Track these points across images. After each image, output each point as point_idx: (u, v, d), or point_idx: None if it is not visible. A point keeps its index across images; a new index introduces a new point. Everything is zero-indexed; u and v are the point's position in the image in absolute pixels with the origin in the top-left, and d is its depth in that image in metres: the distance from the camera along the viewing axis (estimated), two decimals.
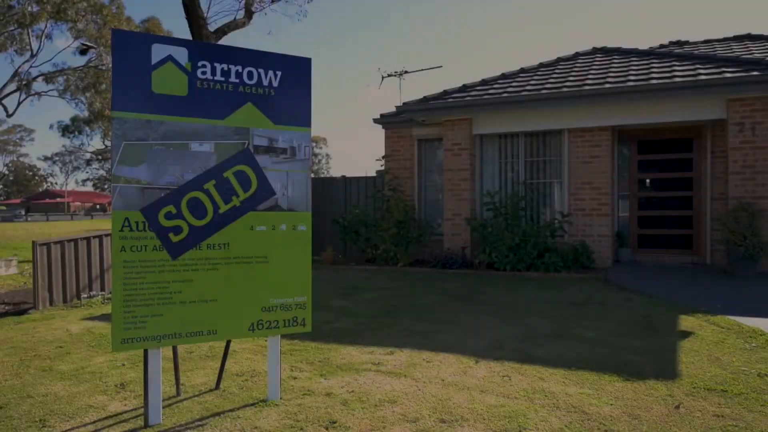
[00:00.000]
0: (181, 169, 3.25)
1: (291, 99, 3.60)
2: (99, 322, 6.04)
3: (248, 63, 3.46)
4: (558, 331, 5.26)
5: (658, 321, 5.53)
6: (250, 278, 3.45)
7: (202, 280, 3.30)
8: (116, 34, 3.16)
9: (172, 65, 3.22)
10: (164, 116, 3.20)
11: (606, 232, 9.16)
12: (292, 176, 3.60)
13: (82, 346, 5.09)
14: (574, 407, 3.40)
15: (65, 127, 46.88)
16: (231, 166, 3.38)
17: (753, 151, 7.94)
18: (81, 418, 3.36)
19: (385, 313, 6.21)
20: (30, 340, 5.34)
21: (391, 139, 11.40)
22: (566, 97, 8.79)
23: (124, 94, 3.09)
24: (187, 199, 3.25)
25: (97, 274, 7.55)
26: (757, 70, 7.70)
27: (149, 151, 3.17)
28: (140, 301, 3.13)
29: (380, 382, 3.89)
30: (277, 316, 3.54)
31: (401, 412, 3.36)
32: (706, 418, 3.20)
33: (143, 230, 3.13)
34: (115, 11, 24.92)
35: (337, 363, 4.37)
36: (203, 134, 3.31)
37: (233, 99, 3.40)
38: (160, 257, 3.17)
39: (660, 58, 9.72)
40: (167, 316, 3.20)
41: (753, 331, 5.00)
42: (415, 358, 4.48)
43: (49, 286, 6.88)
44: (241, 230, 3.41)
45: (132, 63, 3.12)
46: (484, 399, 3.55)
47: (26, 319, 6.34)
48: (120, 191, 3.10)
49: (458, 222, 9.94)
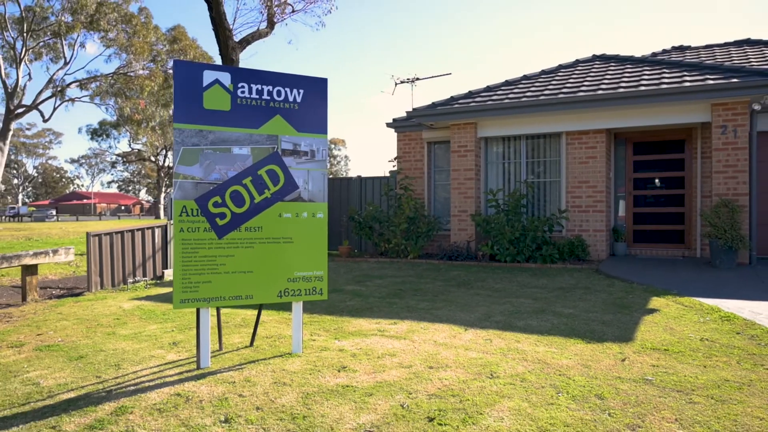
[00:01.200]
0: (225, 168, 4.14)
1: (311, 111, 4.48)
2: (146, 302, 6.99)
3: (277, 83, 4.35)
4: (541, 308, 6.05)
5: (632, 301, 6.29)
6: (279, 255, 4.33)
7: (242, 256, 4.18)
8: (177, 64, 4.06)
9: (219, 87, 4.12)
10: (213, 127, 4.09)
11: (601, 227, 9.88)
12: (311, 174, 4.47)
13: (135, 318, 6.04)
14: (539, 360, 4.20)
15: (94, 131, 48.65)
16: (264, 166, 4.26)
17: (735, 151, 8.61)
18: (146, 364, 4.27)
19: (392, 295, 7.06)
20: (91, 314, 6.30)
21: (402, 141, 12.26)
22: (562, 103, 9.55)
23: (183, 110, 3.99)
24: (229, 192, 4.13)
25: (140, 263, 8.53)
26: (737, 77, 8.38)
27: (201, 154, 4.06)
28: (194, 271, 4.03)
29: (383, 343, 4.74)
30: (300, 285, 4.41)
31: (398, 361, 4.21)
32: (643, 367, 3.98)
33: (197, 215, 4.03)
34: (143, 20, 26.18)
35: (349, 330, 5.24)
36: (242, 141, 4.20)
37: (265, 112, 4.29)
38: (209, 237, 4.07)
39: (651, 66, 10.41)
40: (215, 283, 4.10)
41: (711, 308, 5.74)
42: (414, 326, 5.32)
43: (100, 271, 7.87)
44: (272, 216, 4.29)
45: (189, 86, 4.02)
46: (466, 354, 4.38)
47: (83, 300, 7.32)
48: (179, 185, 4.00)
49: (464, 218, 10.75)
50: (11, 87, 27.18)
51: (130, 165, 76.84)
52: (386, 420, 3.13)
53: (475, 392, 3.53)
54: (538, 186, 10.66)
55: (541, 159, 10.62)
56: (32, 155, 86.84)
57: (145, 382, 3.87)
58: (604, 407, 3.26)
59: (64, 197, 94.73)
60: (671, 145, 10.52)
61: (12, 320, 6.18)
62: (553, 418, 3.12)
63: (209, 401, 3.46)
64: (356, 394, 3.52)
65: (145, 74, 25.47)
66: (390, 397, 3.47)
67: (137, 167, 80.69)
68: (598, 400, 3.38)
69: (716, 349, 4.37)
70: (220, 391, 3.62)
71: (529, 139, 10.67)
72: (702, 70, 9.27)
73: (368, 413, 3.23)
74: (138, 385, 3.79)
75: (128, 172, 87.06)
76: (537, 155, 10.65)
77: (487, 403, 3.35)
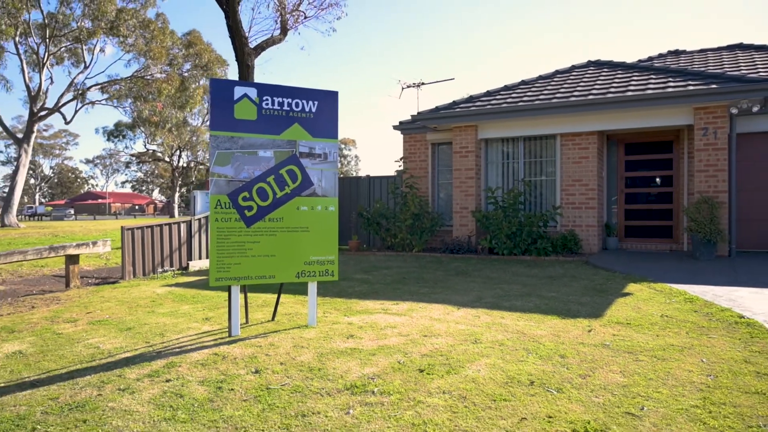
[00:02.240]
0: (252, 168, 4.92)
1: (324, 120, 5.24)
2: (175, 288, 7.81)
3: (295, 96, 5.12)
4: (527, 292, 6.79)
5: (610, 287, 7.01)
6: (297, 242, 5.10)
7: (266, 242, 4.96)
8: (213, 82, 4.85)
9: (247, 100, 4.90)
10: (242, 133, 4.88)
11: (593, 222, 10.57)
12: (324, 173, 5.24)
13: (168, 300, 6.85)
14: (517, 331, 4.94)
15: (110, 132, 49.88)
16: (284, 166, 5.04)
17: (715, 152, 9.26)
18: (185, 333, 5.07)
19: (396, 282, 7.83)
20: (129, 297, 7.13)
21: (408, 143, 13.02)
22: (555, 107, 10.25)
23: (218, 119, 4.78)
24: (256, 188, 4.91)
25: (167, 254, 9.36)
26: (716, 83, 9.04)
27: (232, 157, 4.85)
28: (227, 254, 4.81)
29: (386, 319, 5.50)
30: (315, 268, 5.19)
31: (398, 331, 4.97)
32: (605, 336, 4.71)
33: (229, 208, 4.81)
34: (161, 26, 27.14)
35: (357, 309, 6.00)
36: (266, 145, 4.98)
37: (285, 121, 5.06)
38: (239, 226, 4.85)
39: (640, 71, 11.07)
40: (243, 264, 4.88)
41: (679, 292, 6.45)
42: (413, 306, 6.08)
43: (133, 261, 8.70)
44: (291, 209, 5.06)
45: (222, 99, 4.81)
46: (456, 327, 5.13)
47: (119, 286, 8.15)
48: (215, 182, 4.78)
49: (465, 214, 11.48)
50: (34, 90, 28.27)
51: (144, 165, 78.08)
52: (385, 372, 3.89)
53: (460, 353, 4.28)
54: (535, 184, 11.37)
55: (537, 159, 11.33)
56: (49, 156, 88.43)
57: (187, 345, 4.67)
58: (564, 363, 4.00)
59: (79, 197, 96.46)
60: (660, 146, 11.18)
61: (61, 302, 7.02)
62: (521, 370, 3.87)
63: (241, 359, 4.24)
64: (362, 354, 4.29)
65: (163, 78, 26.45)
66: (389, 356, 4.23)
67: (150, 167, 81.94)
68: (561, 358, 4.12)
69: (672, 323, 5.09)
70: (249, 352, 4.40)
71: (527, 140, 11.38)
72: (685, 76, 9.93)
73: (371, 367, 3.99)
74: (181, 348, 4.59)
75: (142, 172, 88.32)
76: (534, 155, 11.36)
77: (469, 360, 4.10)
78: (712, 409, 3.14)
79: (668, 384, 3.55)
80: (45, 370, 4.17)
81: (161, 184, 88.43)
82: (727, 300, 5.93)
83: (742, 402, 3.24)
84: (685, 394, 3.38)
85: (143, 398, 3.51)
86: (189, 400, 3.45)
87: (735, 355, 4.11)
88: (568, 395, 3.39)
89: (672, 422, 2.99)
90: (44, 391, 3.69)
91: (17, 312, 6.51)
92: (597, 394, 3.41)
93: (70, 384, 3.82)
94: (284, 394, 3.50)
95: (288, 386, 3.64)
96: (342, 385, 3.63)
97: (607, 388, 3.51)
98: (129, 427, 3.10)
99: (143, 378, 3.88)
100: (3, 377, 4.02)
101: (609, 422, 3.00)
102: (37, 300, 7.27)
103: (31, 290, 8.20)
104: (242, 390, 3.60)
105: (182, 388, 3.66)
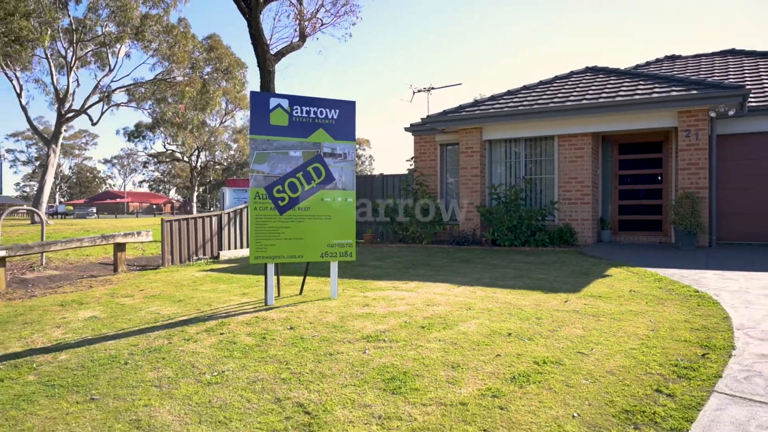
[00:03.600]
0: (284, 165, 5.93)
1: (344, 125, 6.24)
2: (211, 272, 8.86)
3: (320, 105, 6.12)
4: (521, 275, 7.74)
5: (594, 270, 7.94)
6: (321, 227, 6.11)
7: (295, 227, 5.97)
8: (253, 94, 5.88)
9: (281, 109, 5.92)
10: (276, 137, 5.89)
11: (587, 216, 11.47)
12: (344, 170, 6.23)
13: (207, 281, 7.90)
14: (505, 302, 5.91)
15: (131, 133, 51.50)
16: (311, 164, 6.05)
17: (696, 152, 10.13)
18: (228, 303, 6.11)
19: (406, 267, 8.82)
20: (172, 279, 8.19)
21: (418, 143, 14.01)
22: (552, 111, 11.17)
23: (256, 125, 5.80)
24: (287, 182, 5.93)
25: (200, 244, 10.43)
26: (696, 89, 9.90)
27: (268, 156, 5.86)
28: (264, 237, 5.83)
29: (396, 293, 6.49)
30: (336, 249, 6.19)
31: (405, 302, 5.96)
32: (577, 305, 5.65)
33: (265, 198, 5.83)
34: (183, 30, 28.38)
35: (371, 287, 7.00)
36: (296, 146, 5.99)
37: (312, 126, 6.07)
38: (273, 213, 5.86)
39: (632, 77, 11.94)
40: (277, 246, 5.89)
41: (651, 274, 7.36)
42: (420, 285, 7.07)
43: (171, 250, 9.78)
44: (316, 200, 6.07)
45: (260, 109, 5.83)
46: (455, 298, 6.11)
47: (160, 271, 9.23)
48: (254, 177, 5.80)
49: (470, 209, 12.44)
50: (62, 93, 29.66)
51: (161, 165, 79.67)
52: (394, 328, 4.88)
53: (455, 316, 5.26)
54: (535, 181, 12.29)
55: (537, 158, 12.25)
56: (69, 156, 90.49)
57: (231, 312, 5.70)
58: (538, 323, 4.96)
59: (98, 196, 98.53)
60: (651, 146, 12.05)
61: (114, 283, 8.10)
62: (502, 327, 4.84)
63: (278, 320, 5.26)
64: (375, 317, 5.29)
65: (185, 80, 27.72)
66: (397, 318, 5.22)
67: (168, 167, 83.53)
68: (536, 319, 5.08)
69: (636, 296, 6.02)
70: (284, 316, 5.42)
71: (527, 141, 12.31)
72: (670, 82, 10.80)
73: (382, 325, 4.99)
74: (227, 313, 5.62)
75: (159, 171, 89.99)
76: (534, 155, 12.28)
77: (461, 320, 5.08)
78: (644, 350, 4.09)
79: (617, 335, 4.51)
80: (119, 328, 5.22)
81: (178, 183, 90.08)
82: (690, 280, 6.84)
83: (670, 346, 4.19)
84: (628, 341, 4.33)
85: (205, 344, 4.53)
86: (241, 345, 4.47)
87: (679, 317, 5.05)
88: (536, 342, 4.36)
89: (611, 358, 3.95)
90: (125, 341, 4.73)
91: (79, 290, 7.59)
92: (559, 341, 4.37)
93: (143, 336, 4.86)
94: (314, 342, 4.50)
95: (317, 337, 4.65)
96: (359, 336, 4.63)
97: (568, 338, 4.47)
98: (198, 361, 4.12)
99: (201, 332, 4.91)
100: (88, 333, 5.08)
101: (563, 358, 3.96)
102: (92, 282, 8.36)
103: (82, 275, 9.30)
104: (281, 339, 4.61)
105: (234, 338, 4.69)
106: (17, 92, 29.21)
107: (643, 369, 3.70)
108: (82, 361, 4.18)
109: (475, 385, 3.46)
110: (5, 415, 3.22)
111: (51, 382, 3.74)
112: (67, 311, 6.04)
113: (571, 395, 3.29)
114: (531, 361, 3.89)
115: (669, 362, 3.82)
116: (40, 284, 8.16)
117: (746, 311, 5.18)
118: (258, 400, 3.33)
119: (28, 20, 17.79)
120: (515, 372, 3.68)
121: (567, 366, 3.79)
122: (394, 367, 3.83)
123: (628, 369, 3.71)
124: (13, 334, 5.11)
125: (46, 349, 4.56)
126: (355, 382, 3.58)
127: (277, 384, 3.58)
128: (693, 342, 4.28)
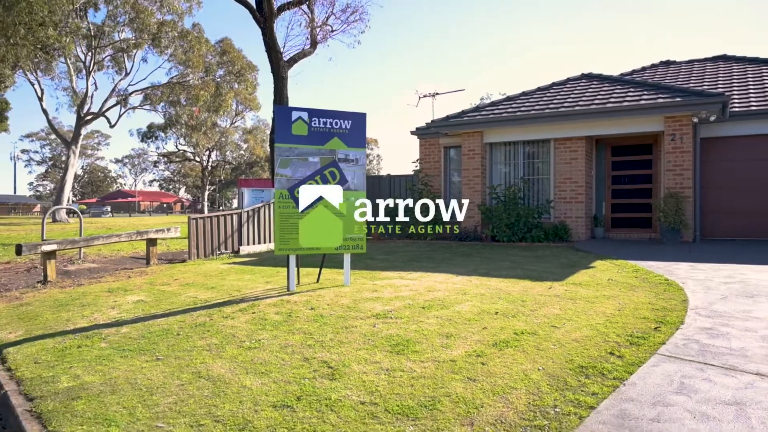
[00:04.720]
0: (304, 170, 6.81)
1: (356, 134, 7.11)
2: (234, 265, 9.77)
3: (335, 117, 6.99)
4: (514, 267, 8.59)
5: (581, 262, 8.77)
6: (336, 224, 6.98)
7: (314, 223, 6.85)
8: (277, 108, 6.76)
9: (301, 120, 6.79)
10: (297, 145, 6.77)
11: (581, 214, 12.28)
12: (356, 173, 7.10)
13: (232, 272, 8.80)
14: (497, 288, 6.76)
15: (144, 134, 52.73)
16: (327, 168, 6.92)
17: (681, 154, 10.92)
18: (255, 289, 7.00)
19: (410, 260, 9.69)
20: (201, 270, 9.10)
21: (423, 146, 14.86)
22: (548, 116, 11.98)
23: (280, 134, 6.67)
24: (307, 184, 6.80)
25: (222, 240, 11.34)
26: (680, 97, 10.69)
27: (290, 162, 6.75)
28: (286, 232, 6.71)
29: (401, 282, 7.36)
30: (349, 243, 7.07)
31: (409, 289, 6.83)
32: (559, 291, 6.49)
33: (288, 198, 6.71)
34: (197, 35, 29.38)
35: (380, 277, 7.87)
36: (314, 153, 6.87)
37: (328, 135, 6.94)
38: (295, 212, 6.74)
39: (623, 85, 12.73)
40: (298, 239, 6.78)
41: (631, 265, 8.18)
42: (423, 275, 7.93)
43: (197, 245, 10.70)
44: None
45: (283, 120, 6.71)
46: (453, 286, 6.97)
47: (188, 264, 10.15)
48: (278, 180, 6.69)
49: (472, 208, 13.28)
50: (81, 96, 30.76)
51: (171, 164, 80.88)
52: (399, 309, 5.74)
53: (452, 299, 6.12)
54: (532, 182, 13.11)
55: (534, 160, 13.07)
56: (81, 156, 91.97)
57: (259, 296, 6.59)
58: (522, 304, 5.81)
59: (109, 195, 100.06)
60: (642, 149, 12.83)
61: (149, 274, 9.02)
62: (491, 307, 5.69)
63: (299, 302, 6.14)
64: (383, 300, 6.16)
65: (199, 84, 28.76)
66: (402, 301, 6.09)
67: (177, 166, 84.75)
68: (521, 301, 5.93)
69: (613, 284, 6.85)
70: (304, 299, 6.30)
71: (525, 144, 13.13)
72: (658, 89, 11.58)
73: (389, 306, 5.85)
74: (255, 297, 6.51)
75: (169, 171, 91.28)
76: (532, 157, 13.10)
77: (457, 302, 5.94)
78: (608, 325, 4.94)
79: (588, 314, 5.35)
80: (165, 309, 6.12)
81: (188, 182, 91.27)
82: (664, 270, 7.66)
83: (630, 321, 5.03)
84: (596, 318, 5.18)
85: (241, 320, 5.42)
86: (271, 321, 5.36)
87: (645, 300, 5.88)
88: (518, 319, 5.21)
89: (578, 330, 4.79)
90: (173, 318, 5.63)
91: (119, 280, 8.51)
92: (537, 318, 5.22)
93: (188, 315, 5.76)
94: (332, 319, 5.38)
95: (334, 315, 5.53)
96: (370, 314, 5.50)
97: (546, 316, 5.32)
98: (237, 333, 5.01)
99: (236, 312, 5.80)
100: (140, 313, 5.98)
101: (538, 330, 4.81)
102: (129, 273, 9.29)
103: (117, 267, 10.23)
104: (304, 317, 5.49)
105: (264, 315, 5.57)
106: (38, 96, 30.36)
107: (602, 338, 4.55)
108: (141, 333, 5.08)
109: (464, 349, 4.32)
110: (94, 369, 4.12)
111: (121, 347, 4.64)
112: (116, 296, 6.96)
113: (540, 356, 4.14)
114: (511, 333, 4.74)
115: (626, 333, 4.66)
116: (82, 275, 9.09)
117: (704, 295, 6.00)
118: (290, 359, 4.21)
119: (55, 29, 18.85)
120: (497, 340, 4.54)
121: (540, 336, 4.64)
122: (398, 336, 4.70)
123: (590, 338, 4.55)
124: (75, 314, 6.03)
125: (108, 325, 5.47)
126: (367, 347, 4.45)
127: (304, 348, 4.46)
128: (650, 319, 5.11)
